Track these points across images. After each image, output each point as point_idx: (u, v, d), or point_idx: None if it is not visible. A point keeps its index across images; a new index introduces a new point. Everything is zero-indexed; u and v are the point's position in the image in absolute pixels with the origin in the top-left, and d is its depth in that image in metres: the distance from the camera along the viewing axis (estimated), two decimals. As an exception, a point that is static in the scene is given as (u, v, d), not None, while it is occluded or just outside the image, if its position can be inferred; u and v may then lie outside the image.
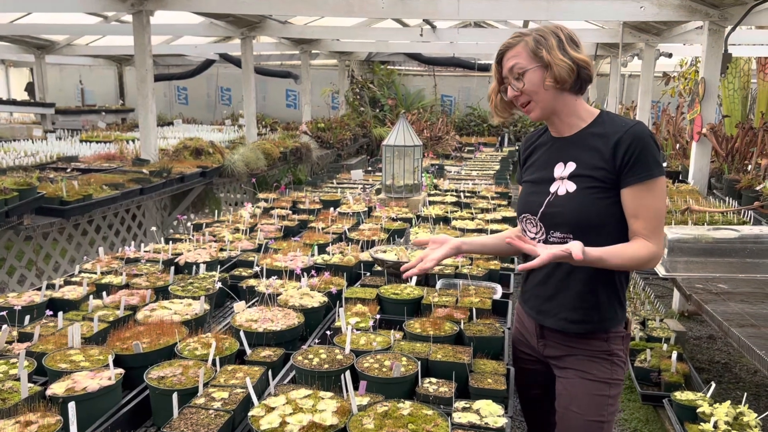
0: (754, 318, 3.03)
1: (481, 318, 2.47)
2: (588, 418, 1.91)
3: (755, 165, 5.69)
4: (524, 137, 2.16)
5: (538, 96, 1.87)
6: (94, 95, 14.32)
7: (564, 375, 1.99)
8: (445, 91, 14.72)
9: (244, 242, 3.69)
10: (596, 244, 1.84)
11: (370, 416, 1.67)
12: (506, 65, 1.90)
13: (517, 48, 1.88)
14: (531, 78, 1.85)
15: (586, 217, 1.85)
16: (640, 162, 1.78)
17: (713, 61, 5.64)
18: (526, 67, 1.85)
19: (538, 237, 1.96)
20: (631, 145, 1.78)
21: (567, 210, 1.87)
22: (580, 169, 1.87)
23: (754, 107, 9.74)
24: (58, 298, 2.63)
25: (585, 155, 1.88)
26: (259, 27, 8.47)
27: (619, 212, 1.86)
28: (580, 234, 1.85)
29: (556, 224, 1.90)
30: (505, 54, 1.91)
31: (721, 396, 3.80)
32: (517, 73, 1.87)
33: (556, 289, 1.95)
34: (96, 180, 4.99)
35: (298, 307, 2.51)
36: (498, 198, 5.32)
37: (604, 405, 1.92)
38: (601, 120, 1.91)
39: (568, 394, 1.95)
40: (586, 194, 1.85)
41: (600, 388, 1.92)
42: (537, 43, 1.84)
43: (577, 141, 1.91)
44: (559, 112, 1.91)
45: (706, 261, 3.95)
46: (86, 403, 1.75)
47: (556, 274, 1.94)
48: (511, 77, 1.90)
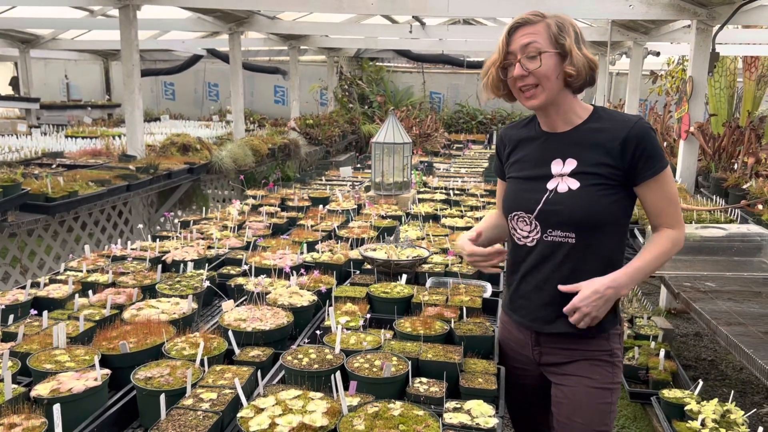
0: (742, 316, 3.05)
1: (471, 317, 2.46)
2: (593, 428, 1.88)
3: (742, 164, 5.72)
4: (504, 128, 2.08)
5: (548, 83, 1.79)
6: (80, 90, 14.14)
7: (564, 382, 1.94)
8: (434, 88, 14.71)
9: (232, 240, 3.66)
10: (598, 242, 1.84)
11: (361, 417, 1.65)
12: (518, 41, 1.78)
13: (536, 26, 1.78)
14: (547, 62, 1.77)
15: (592, 215, 1.81)
16: (652, 157, 1.78)
17: (701, 59, 5.67)
18: (545, 48, 1.76)
19: (532, 236, 1.92)
20: (640, 141, 1.78)
21: (570, 208, 1.82)
22: (582, 166, 1.83)
23: (740, 106, 9.83)
24: (43, 297, 2.59)
25: (587, 152, 1.84)
26: (248, 22, 8.41)
27: (622, 210, 1.85)
28: (583, 233, 1.83)
29: (557, 223, 1.86)
30: (519, 29, 1.79)
31: (707, 393, 3.83)
32: (533, 52, 1.77)
33: (556, 294, 1.89)
34: (82, 176, 4.93)
35: (288, 306, 2.49)
36: (487, 195, 5.32)
37: (607, 413, 1.90)
38: (598, 115, 1.88)
39: (571, 403, 1.91)
40: (592, 192, 1.81)
41: (603, 396, 1.89)
42: (560, 30, 1.77)
43: (576, 137, 1.87)
44: (557, 106, 1.86)
45: (693, 259, 3.97)
46: (72, 404, 1.72)
47: (555, 276, 1.89)
48: (522, 55, 1.78)
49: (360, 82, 13.60)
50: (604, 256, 1.87)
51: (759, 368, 2.52)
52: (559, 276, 1.88)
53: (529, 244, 1.94)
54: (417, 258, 3.09)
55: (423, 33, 9.27)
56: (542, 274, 1.92)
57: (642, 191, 1.85)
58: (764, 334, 2.82)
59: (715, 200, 5.19)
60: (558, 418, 1.95)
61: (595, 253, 1.86)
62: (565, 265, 1.87)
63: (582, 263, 1.86)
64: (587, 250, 1.85)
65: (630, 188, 1.85)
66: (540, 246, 1.91)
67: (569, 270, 1.87)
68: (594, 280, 1.82)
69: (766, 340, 2.74)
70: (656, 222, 1.89)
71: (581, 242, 1.84)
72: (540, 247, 1.91)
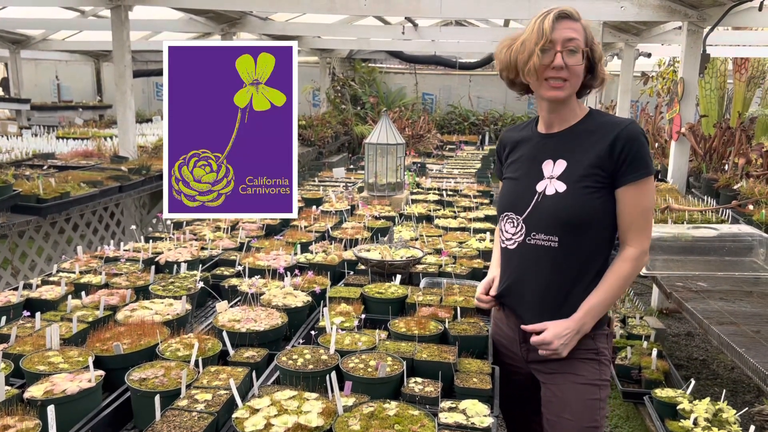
0: (733, 316, 3.07)
1: (465, 317, 2.47)
2: (583, 425, 1.89)
3: (732, 164, 5.76)
4: (504, 131, 2.13)
5: (576, 80, 1.83)
6: (71, 91, 14.06)
7: (552, 381, 1.96)
8: (427, 90, 14.73)
9: (225, 241, 3.65)
10: (581, 245, 1.84)
11: (356, 417, 1.66)
12: (562, 32, 1.78)
13: (578, 24, 1.81)
14: (580, 61, 1.81)
15: (576, 218, 1.82)
16: (636, 161, 1.79)
17: (692, 61, 5.71)
18: (582, 47, 1.80)
19: (515, 238, 1.93)
20: (627, 143, 1.79)
21: (556, 210, 1.84)
22: (571, 167, 1.85)
23: (730, 107, 9.90)
24: (36, 299, 2.57)
25: (576, 153, 1.85)
26: (240, 23, 8.39)
27: (607, 213, 1.85)
28: (567, 235, 1.84)
29: (542, 225, 1.87)
30: (563, 20, 1.80)
31: (699, 392, 3.85)
32: (573, 48, 1.79)
33: (537, 295, 1.92)
34: (73, 177, 4.91)
35: (282, 306, 2.48)
36: (480, 196, 5.33)
37: (596, 409, 1.91)
38: (592, 117, 1.90)
39: (560, 401, 1.93)
40: (578, 194, 1.83)
41: (591, 391, 1.91)
42: (589, 36, 1.83)
43: (568, 137, 1.89)
44: (566, 104, 1.89)
45: (685, 259, 3.99)
46: (66, 406, 1.71)
47: (536, 279, 1.91)
48: (562, 47, 1.78)
49: (352, 83, 13.61)
50: (585, 260, 1.88)
51: (750, 367, 2.53)
52: (539, 280, 1.91)
53: (510, 246, 1.96)
54: (411, 258, 3.09)
55: (415, 34, 9.28)
56: (523, 276, 1.94)
57: (620, 196, 1.84)
58: (755, 333, 2.84)
59: (706, 201, 5.22)
60: (548, 416, 1.97)
61: (577, 257, 1.87)
62: (545, 269, 1.89)
63: (563, 267, 1.87)
64: (569, 254, 1.86)
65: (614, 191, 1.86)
66: (521, 249, 1.93)
67: (550, 273, 1.88)
68: (557, 323, 1.86)
69: (757, 339, 2.76)
70: (623, 236, 1.88)
71: (564, 246, 1.85)
72: (521, 250, 1.93)
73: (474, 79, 14.13)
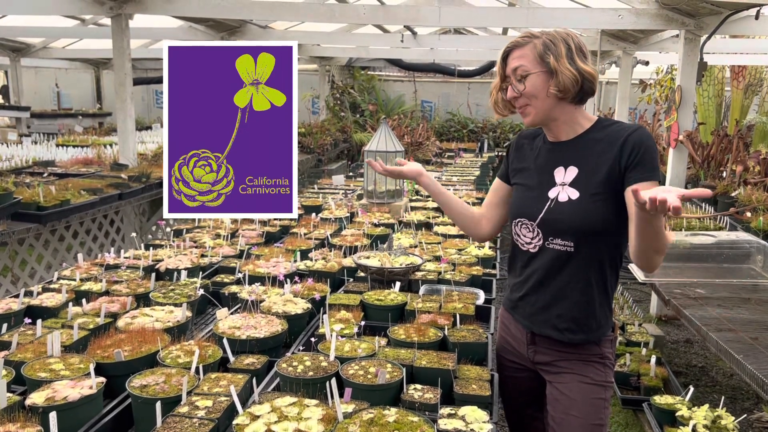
0: (731, 322, 3.08)
1: (464, 324, 2.48)
2: (590, 422, 1.91)
3: (730, 171, 5.78)
4: (518, 134, 2.15)
5: (537, 101, 1.86)
6: (71, 99, 14.08)
7: (559, 380, 1.98)
8: (425, 97, 14.76)
9: (225, 248, 3.66)
10: (598, 251, 1.87)
11: (356, 423, 1.66)
12: (510, 64, 1.88)
13: (524, 49, 1.85)
14: (533, 82, 1.84)
15: (591, 225, 1.84)
16: (643, 164, 1.79)
17: (689, 69, 5.74)
18: (530, 70, 1.83)
19: (535, 242, 1.96)
20: (636, 147, 1.79)
21: (570, 218, 1.86)
22: (582, 175, 1.87)
23: (728, 115, 9.93)
24: (37, 306, 2.58)
25: (588, 160, 1.87)
26: (239, 31, 8.42)
27: (620, 219, 1.85)
28: (583, 241, 1.86)
29: (557, 231, 1.89)
30: (511, 53, 1.88)
31: (698, 399, 3.85)
32: (520, 75, 1.85)
33: (553, 299, 1.94)
34: (74, 185, 4.92)
35: (282, 313, 2.50)
36: (479, 204, 5.33)
37: (602, 408, 1.94)
38: (601, 125, 1.92)
39: (567, 399, 1.94)
40: (590, 201, 1.84)
41: (597, 391, 1.93)
42: (545, 48, 1.82)
43: (578, 145, 1.91)
44: (556, 119, 1.91)
45: (683, 266, 4.01)
46: (67, 412, 1.72)
47: (553, 283, 1.93)
48: (513, 78, 1.87)
49: (352, 90, 13.64)
50: (601, 264, 1.90)
51: (749, 374, 2.54)
52: (557, 282, 1.92)
53: (531, 250, 1.98)
54: (410, 265, 3.11)
55: (414, 42, 9.32)
56: (542, 279, 1.96)
57: (628, 196, 1.82)
58: (754, 339, 2.85)
59: (704, 208, 5.24)
60: (553, 414, 1.98)
61: (592, 261, 1.89)
62: (563, 273, 1.91)
63: (579, 271, 1.89)
64: (585, 258, 1.88)
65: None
66: (542, 253, 1.95)
67: (567, 277, 1.91)
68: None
69: (755, 346, 2.77)
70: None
71: (579, 251, 1.88)
72: (542, 254, 1.95)
73: (473, 86, 14.15)
